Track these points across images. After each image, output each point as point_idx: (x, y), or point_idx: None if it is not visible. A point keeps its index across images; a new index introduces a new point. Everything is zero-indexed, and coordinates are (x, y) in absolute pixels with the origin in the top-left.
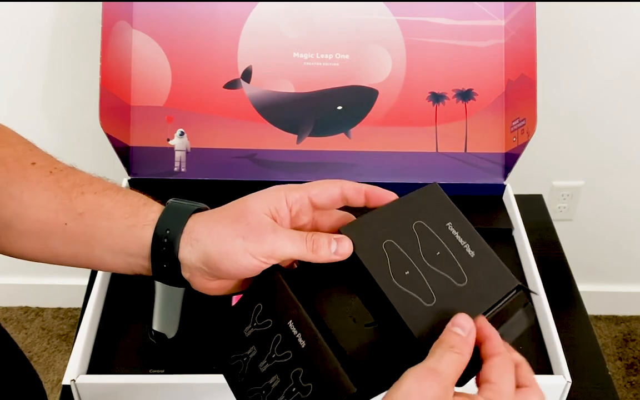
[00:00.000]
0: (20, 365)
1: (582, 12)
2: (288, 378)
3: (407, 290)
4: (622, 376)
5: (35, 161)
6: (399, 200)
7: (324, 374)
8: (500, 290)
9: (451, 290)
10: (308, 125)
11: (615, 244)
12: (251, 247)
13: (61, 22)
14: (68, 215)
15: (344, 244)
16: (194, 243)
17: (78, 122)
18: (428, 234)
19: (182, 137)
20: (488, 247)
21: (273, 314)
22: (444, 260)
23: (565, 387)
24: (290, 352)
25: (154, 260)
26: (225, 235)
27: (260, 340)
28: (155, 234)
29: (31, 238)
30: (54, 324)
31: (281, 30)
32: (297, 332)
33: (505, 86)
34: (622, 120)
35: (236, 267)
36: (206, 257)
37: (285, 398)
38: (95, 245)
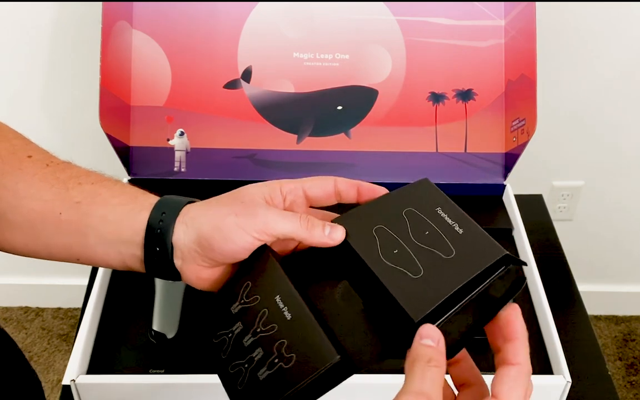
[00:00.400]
0: (19, 366)
1: (582, 12)
2: (271, 350)
3: (394, 266)
4: (622, 376)
5: (32, 154)
6: (390, 194)
7: (307, 343)
8: (488, 258)
9: (438, 262)
10: (308, 125)
11: (615, 244)
12: (243, 222)
13: (61, 22)
14: (64, 204)
15: (337, 230)
16: (189, 222)
17: (78, 122)
18: (418, 218)
19: (182, 137)
20: (477, 225)
21: (261, 290)
22: (432, 238)
23: (565, 387)
24: (276, 325)
25: (147, 245)
26: (219, 213)
27: (247, 316)
28: (151, 217)
29: (24, 230)
30: (54, 324)
31: (281, 30)
32: (283, 305)
33: (505, 86)
34: (622, 120)
35: (229, 246)
36: (200, 235)
37: (267, 369)
38: (89, 234)
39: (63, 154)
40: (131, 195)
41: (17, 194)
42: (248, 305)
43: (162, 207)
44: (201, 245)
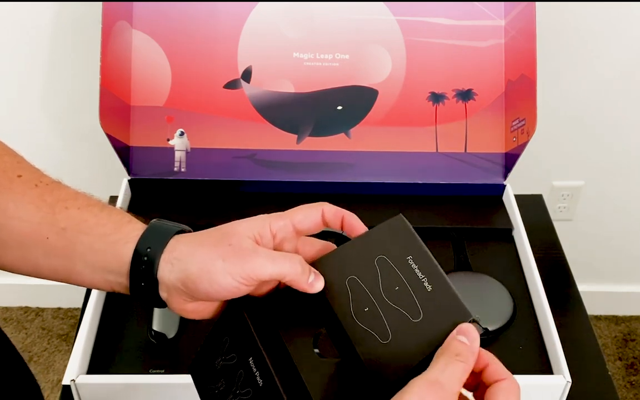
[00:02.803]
0: (17, 367)
1: (582, 12)
2: None
3: (365, 328)
4: (622, 376)
5: (22, 174)
6: (366, 234)
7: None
8: (454, 323)
9: (406, 326)
10: (308, 125)
11: (615, 244)
12: (230, 268)
13: (61, 22)
14: (50, 229)
15: (319, 281)
16: (175, 262)
17: (78, 122)
18: (389, 268)
19: (182, 137)
20: (446, 280)
21: (237, 349)
22: (401, 295)
23: (565, 387)
24: (250, 390)
25: (132, 278)
26: (205, 256)
27: (228, 374)
28: (136, 252)
29: (12, 249)
30: (54, 324)
31: (281, 30)
32: (256, 370)
33: (505, 86)
34: (622, 120)
35: (215, 289)
36: (185, 277)
37: None
38: (76, 261)
39: (63, 154)
40: (117, 224)
41: (7, 213)
42: (228, 364)
43: (147, 241)
44: (186, 286)
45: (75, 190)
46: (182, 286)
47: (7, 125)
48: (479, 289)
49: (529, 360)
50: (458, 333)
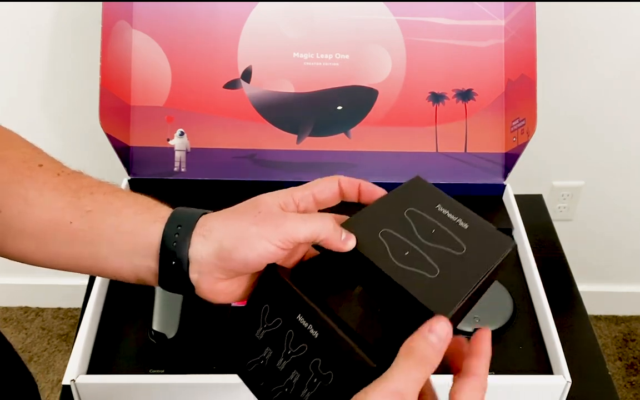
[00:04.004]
0: (14, 366)
1: (582, 12)
2: (307, 370)
3: (410, 269)
4: (622, 376)
5: (43, 163)
6: (387, 195)
7: (341, 358)
8: (499, 250)
9: (452, 259)
10: (308, 125)
11: (615, 244)
12: (265, 232)
13: (61, 22)
14: (75, 213)
15: (351, 238)
16: (207, 234)
17: (78, 122)
18: (420, 217)
19: (182, 137)
20: (479, 217)
21: (281, 312)
22: (440, 236)
23: (565, 387)
24: (305, 345)
25: (162, 259)
26: (238, 225)
27: (274, 340)
28: (166, 230)
29: (34, 239)
30: (54, 324)
31: (281, 30)
32: (307, 324)
33: (505, 86)
34: (622, 120)
35: (251, 256)
36: (220, 248)
37: (308, 390)
38: (101, 245)
39: (63, 154)
40: (144, 205)
41: (28, 201)
42: (272, 329)
43: (177, 220)
44: (221, 257)
45: (98, 179)
46: (217, 259)
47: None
48: None
49: (529, 360)
50: (430, 331)
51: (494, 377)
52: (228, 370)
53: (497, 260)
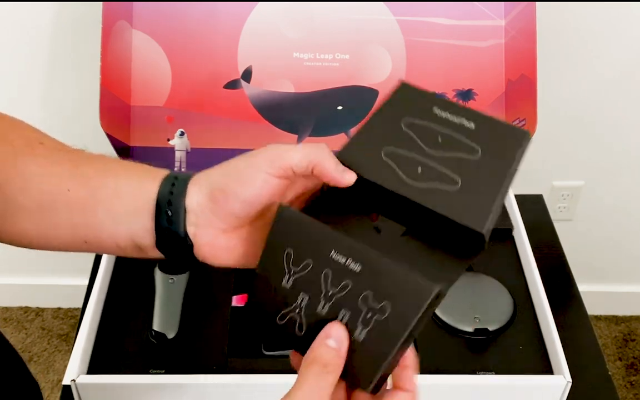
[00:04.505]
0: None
1: (582, 12)
2: (357, 307)
3: (428, 185)
4: (622, 376)
5: (44, 142)
6: (376, 113)
7: (395, 286)
8: (516, 143)
9: (470, 165)
10: (308, 125)
11: (615, 244)
12: (256, 162)
13: (61, 22)
14: (73, 180)
15: (350, 173)
16: (202, 180)
17: (78, 122)
18: (421, 126)
19: (182, 137)
20: (484, 114)
21: (309, 253)
22: (448, 142)
23: (565, 387)
24: (349, 281)
25: (158, 211)
26: (230, 163)
27: (308, 285)
28: (163, 184)
29: (33, 213)
30: (54, 324)
31: (281, 30)
32: (344, 258)
33: (505, 86)
34: (622, 120)
35: (243, 188)
36: (213, 188)
37: (363, 327)
38: (98, 210)
39: None
40: (143, 169)
41: (27, 176)
42: (302, 274)
43: (174, 175)
44: (215, 199)
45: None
46: (211, 202)
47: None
48: (479, 289)
49: (529, 360)
50: (327, 336)
51: (494, 377)
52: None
53: (519, 154)
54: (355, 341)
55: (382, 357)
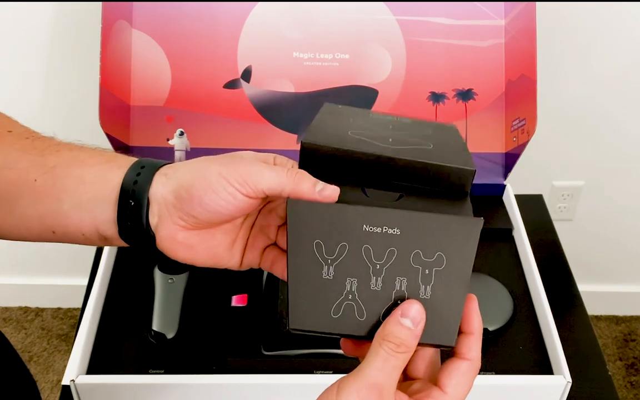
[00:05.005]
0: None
1: (582, 12)
2: (412, 269)
3: (403, 147)
4: (622, 376)
5: (12, 130)
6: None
7: (443, 233)
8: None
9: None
10: (308, 125)
11: (616, 244)
12: (226, 172)
13: (61, 22)
14: (38, 170)
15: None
16: (170, 173)
17: (78, 122)
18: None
19: (182, 137)
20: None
21: (340, 236)
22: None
23: (565, 387)
24: (394, 248)
25: (121, 201)
26: (202, 164)
27: (351, 268)
28: (128, 173)
29: (1, 203)
30: (54, 324)
31: (281, 30)
32: (379, 228)
33: (505, 86)
34: (622, 120)
35: (210, 196)
36: (178, 186)
37: (425, 285)
38: (64, 199)
39: None
40: (110, 156)
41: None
42: (341, 258)
43: (140, 164)
44: (179, 196)
45: (68, 141)
46: (175, 198)
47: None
48: (479, 289)
49: (529, 360)
50: (403, 315)
51: (494, 377)
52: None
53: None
54: (423, 301)
55: (457, 306)
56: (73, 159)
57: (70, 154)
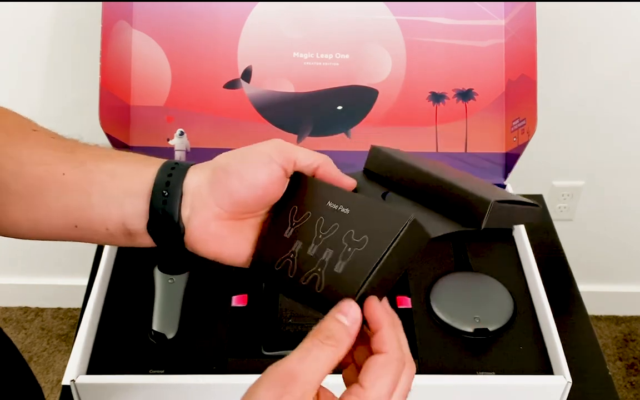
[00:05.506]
0: (19, 368)
1: (582, 12)
2: (340, 244)
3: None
4: (622, 376)
5: (37, 129)
6: None
7: (376, 220)
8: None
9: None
10: (308, 125)
11: (616, 244)
12: (262, 147)
13: (61, 22)
14: (68, 164)
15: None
16: (204, 166)
17: (78, 122)
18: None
19: (182, 137)
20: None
21: (309, 205)
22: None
23: (565, 387)
24: (337, 224)
25: (155, 193)
26: (237, 149)
27: (303, 232)
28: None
29: (25, 199)
30: (54, 324)
31: (281, 30)
32: (337, 205)
33: (505, 86)
34: (622, 120)
35: (251, 167)
36: (215, 167)
37: (342, 261)
38: (93, 192)
39: None
40: (140, 157)
41: (20, 161)
42: (301, 223)
43: (173, 164)
44: (217, 178)
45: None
46: (211, 183)
47: None
48: (479, 289)
49: (529, 360)
50: (338, 311)
51: (494, 377)
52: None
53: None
54: (334, 274)
55: (357, 283)
56: (104, 155)
57: (100, 151)
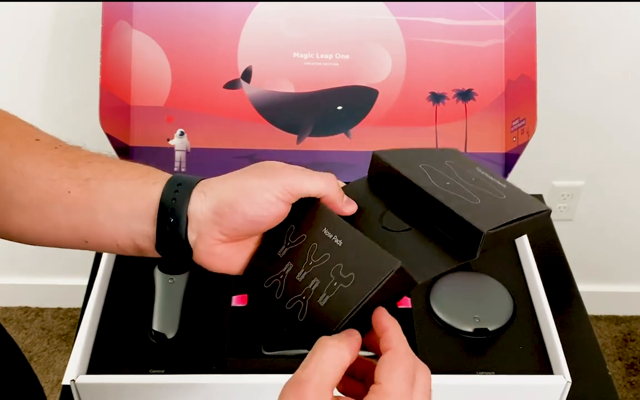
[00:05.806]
0: (20, 368)
1: (582, 12)
2: (328, 276)
3: (452, 193)
4: (622, 376)
5: (40, 138)
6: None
7: (365, 259)
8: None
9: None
10: (308, 125)
11: (616, 244)
12: (267, 183)
13: (61, 22)
14: (72, 182)
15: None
16: (208, 191)
17: (78, 122)
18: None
19: (182, 137)
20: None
21: (306, 228)
22: (480, 183)
23: (565, 387)
24: (328, 254)
25: (160, 218)
26: (239, 180)
27: (296, 255)
28: (165, 189)
29: (32, 212)
30: (54, 324)
31: (281, 30)
32: (332, 235)
33: (505, 86)
34: (622, 120)
35: (253, 208)
36: (219, 202)
37: (327, 294)
38: (99, 211)
39: None
40: (143, 171)
41: (25, 174)
42: (295, 245)
43: (177, 180)
44: (220, 213)
45: (96, 151)
46: (215, 214)
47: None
48: (479, 289)
49: (529, 360)
50: None
51: (494, 377)
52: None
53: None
54: (317, 306)
55: (335, 322)
56: (107, 172)
57: (103, 167)
